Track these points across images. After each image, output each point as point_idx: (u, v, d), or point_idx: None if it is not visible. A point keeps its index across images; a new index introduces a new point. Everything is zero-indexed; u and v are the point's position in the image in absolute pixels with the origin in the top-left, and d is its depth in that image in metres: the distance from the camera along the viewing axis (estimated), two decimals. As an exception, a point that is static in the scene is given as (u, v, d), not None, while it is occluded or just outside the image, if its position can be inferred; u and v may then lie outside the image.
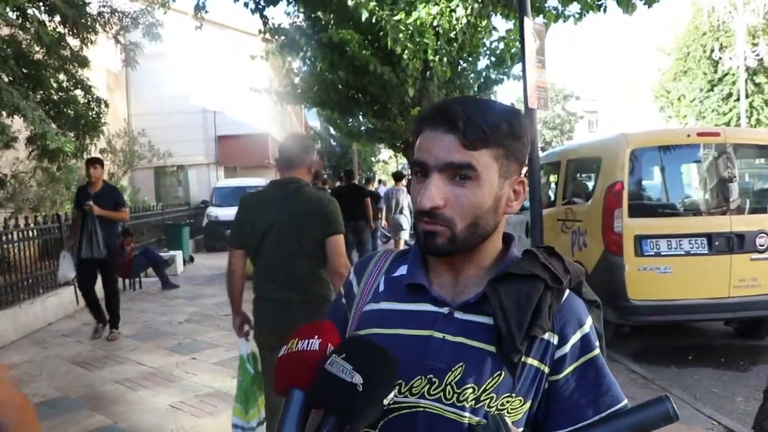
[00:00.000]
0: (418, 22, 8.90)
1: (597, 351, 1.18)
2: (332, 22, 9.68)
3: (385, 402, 1.03)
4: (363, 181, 17.96)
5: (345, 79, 10.24)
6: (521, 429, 1.13)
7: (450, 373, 1.12)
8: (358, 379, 1.01)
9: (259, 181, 20.41)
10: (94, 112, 10.59)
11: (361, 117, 11.63)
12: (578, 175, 7.76)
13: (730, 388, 5.45)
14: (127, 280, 11.44)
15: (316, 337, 1.11)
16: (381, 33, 9.04)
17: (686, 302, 5.95)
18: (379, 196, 12.60)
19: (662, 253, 5.96)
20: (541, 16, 9.63)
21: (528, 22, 6.30)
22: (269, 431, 3.42)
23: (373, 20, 8.79)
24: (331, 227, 3.29)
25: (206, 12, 9.90)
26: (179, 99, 22.40)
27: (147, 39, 10.94)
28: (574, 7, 9.68)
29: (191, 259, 15.55)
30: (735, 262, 5.94)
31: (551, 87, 44.45)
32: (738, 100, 26.08)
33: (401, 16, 8.85)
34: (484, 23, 10.03)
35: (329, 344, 1.10)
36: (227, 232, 13.24)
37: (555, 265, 1.18)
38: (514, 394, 1.12)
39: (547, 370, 1.15)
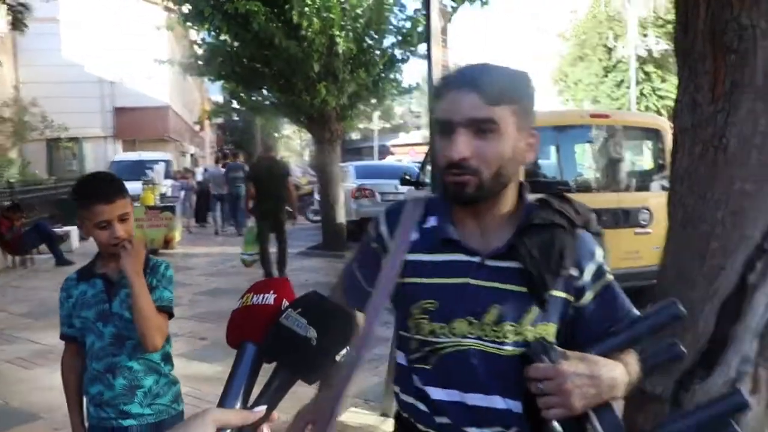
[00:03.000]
0: (325, -3, 8.89)
1: (610, 276, 1.34)
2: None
3: (337, 358, 1.04)
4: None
5: (250, 52, 10.08)
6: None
7: (486, 314, 1.28)
8: (312, 333, 1.02)
9: (159, 155, 19.77)
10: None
11: (265, 91, 11.47)
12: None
13: (613, 354, 5.82)
14: (17, 257, 10.91)
15: (272, 292, 1.11)
16: (287, 6, 8.96)
17: (576, 274, 6.30)
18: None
19: (556, 228, 6.28)
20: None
21: (434, 1, 6.42)
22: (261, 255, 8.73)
23: (280, -7, 8.70)
24: (288, 172, 8.90)
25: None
26: (73, 67, 21.35)
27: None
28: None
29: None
30: (621, 237, 6.33)
31: (455, 66, 45.11)
32: (629, 86, 27.41)
33: (308, -11, 8.80)
34: (391, 1, 10.11)
35: (284, 300, 1.10)
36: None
37: (567, 209, 1.34)
38: (547, 323, 1.28)
39: (572, 298, 1.31)
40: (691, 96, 2.47)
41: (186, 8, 10.11)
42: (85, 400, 2.21)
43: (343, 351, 1.06)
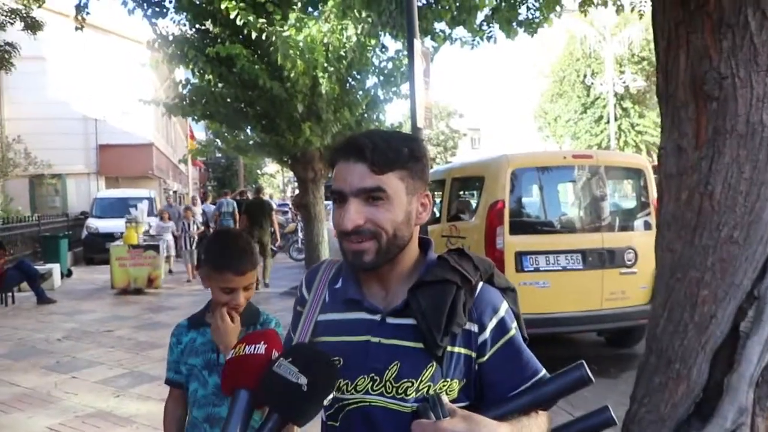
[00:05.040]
0: (309, 39, 8.95)
1: (513, 331, 1.34)
2: (221, 34, 9.54)
3: (325, 402, 1.15)
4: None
5: (234, 92, 10.13)
6: (463, 404, 1.27)
7: (387, 371, 1.28)
8: (303, 380, 1.11)
9: (142, 192, 19.74)
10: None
11: (249, 131, 11.51)
12: (462, 193, 8.03)
13: (601, 394, 5.75)
14: (-3, 296, 10.75)
15: (263, 342, 1.21)
16: (271, 48, 9.02)
17: (563, 315, 6.27)
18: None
19: (541, 269, 6.27)
20: (430, 37, 9.94)
21: (417, 44, 6.51)
22: None
23: (263, 37, 8.76)
24: (271, 209, 13.24)
25: (88, 13, 9.48)
26: (58, 105, 21.42)
27: (26, 33, 10.38)
28: (461, 31, 10.06)
29: (69, 273, 14.76)
30: (606, 277, 6.34)
31: (435, 104, 45.48)
32: (608, 122, 27.82)
33: (292, 32, 8.87)
34: (373, 42, 10.22)
35: (274, 350, 1.19)
36: (108, 244, 13.00)
37: (465, 266, 1.33)
38: (448, 379, 1.29)
39: (473, 354, 1.31)
40: (676, 142, 2.49)
41: (169, 50, 10.15)
42: None
43: (330, 396, 1.16)
